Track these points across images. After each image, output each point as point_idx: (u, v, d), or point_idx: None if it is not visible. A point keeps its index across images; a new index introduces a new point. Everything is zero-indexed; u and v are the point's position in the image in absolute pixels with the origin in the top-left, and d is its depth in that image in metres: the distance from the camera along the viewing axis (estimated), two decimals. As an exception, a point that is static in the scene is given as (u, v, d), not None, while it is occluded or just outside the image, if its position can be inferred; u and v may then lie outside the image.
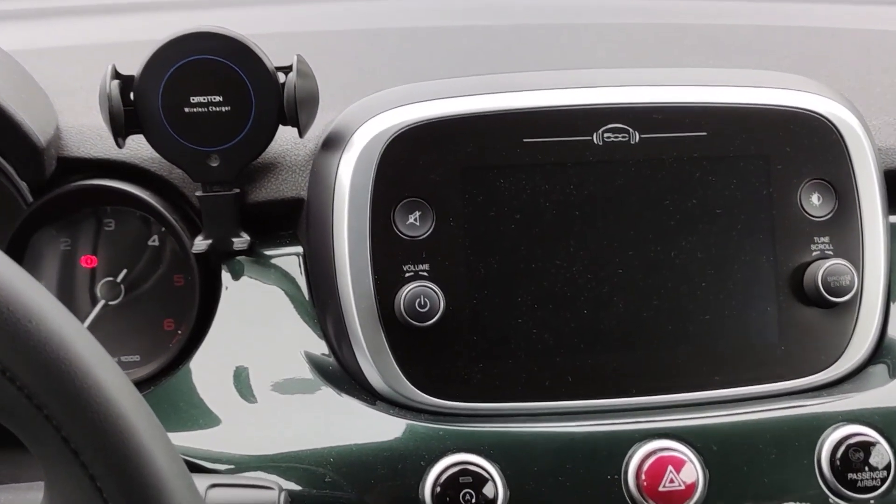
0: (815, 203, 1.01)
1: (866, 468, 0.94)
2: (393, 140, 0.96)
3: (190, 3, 1.50)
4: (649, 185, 0.98)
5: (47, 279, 1.09)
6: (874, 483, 0.94)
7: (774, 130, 1.01)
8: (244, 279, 1.03)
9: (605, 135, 0.98)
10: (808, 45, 1.32)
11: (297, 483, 0.91)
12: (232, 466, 0.91)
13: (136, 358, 1.09)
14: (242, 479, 0.85)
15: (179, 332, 1.08)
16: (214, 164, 1.00)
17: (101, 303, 1.09)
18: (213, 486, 0.81)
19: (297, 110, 0.98)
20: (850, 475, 0.94)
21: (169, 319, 1.10)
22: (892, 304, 1.04)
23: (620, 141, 0.98)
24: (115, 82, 0.96)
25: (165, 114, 0.98)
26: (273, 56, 0.99)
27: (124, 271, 1.10)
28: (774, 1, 1.51)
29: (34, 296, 0.55)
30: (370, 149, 0.96)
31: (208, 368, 0.99)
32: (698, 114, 1.00)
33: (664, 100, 1.00)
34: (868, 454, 0.94)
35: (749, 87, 1.02)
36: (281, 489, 0.83)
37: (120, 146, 0.99)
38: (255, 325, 1.01)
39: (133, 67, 0.98)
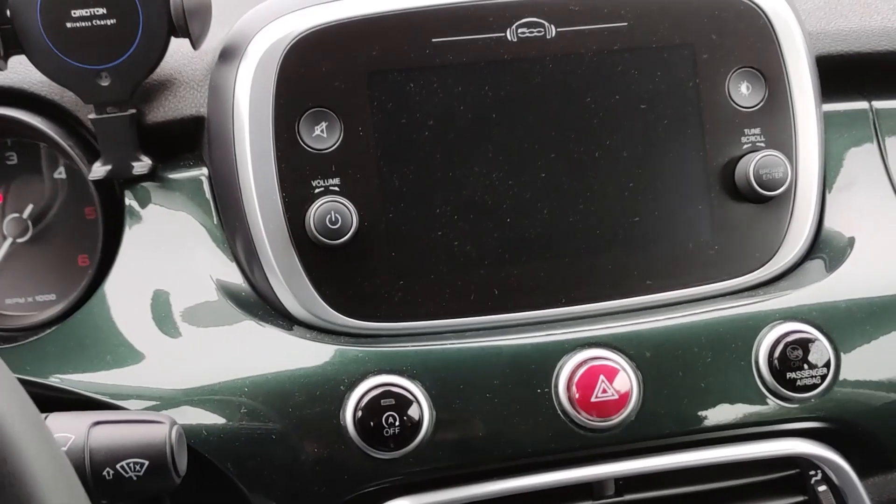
0: (744, 93, 0.97)
1: (805, 366, 0.92)
2: (292, 47, 0.91)
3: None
4: (569, 81, 0.94)
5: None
6: (814, 381, 0.92)
7: (699, 17, 0.96)
8: (149, 206, 0.99)
9: (520, 30, 0.93)
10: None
11: (211, 416, 0.87)
12: (145, 402, 0.88)
13: (52, 297, 1.05)
14: (131, 414, 0.81)
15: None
16: (105, 84, 0.94)
17: (9, 241, 1.04)
18: (97, 423, 0.76)
19: (187, 19, 0.92)
20: (788, 374, 0.92)
21: (83, 255, 1.05)
22: (827, 195, 1.01)
23: (536, 36, 0.93)
24: None
25: (46, 30, 0.92)
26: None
27: (30, 206, 1.05)
28: None
29: None
30: (268, 58, 0.91)
31: (115, 301, 0.95)
32: (617, 3, 0.95)
33: (580, -10, 0.95)
34: (807, 352, 0.92)
35: (670, -28, 0.97)
36: (173, 423, 0.78)
37: (1, 68, 0.93)
38: (163, 254, 0.97)
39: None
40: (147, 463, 0.76)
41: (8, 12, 0.92)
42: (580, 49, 0.94)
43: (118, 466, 0.75)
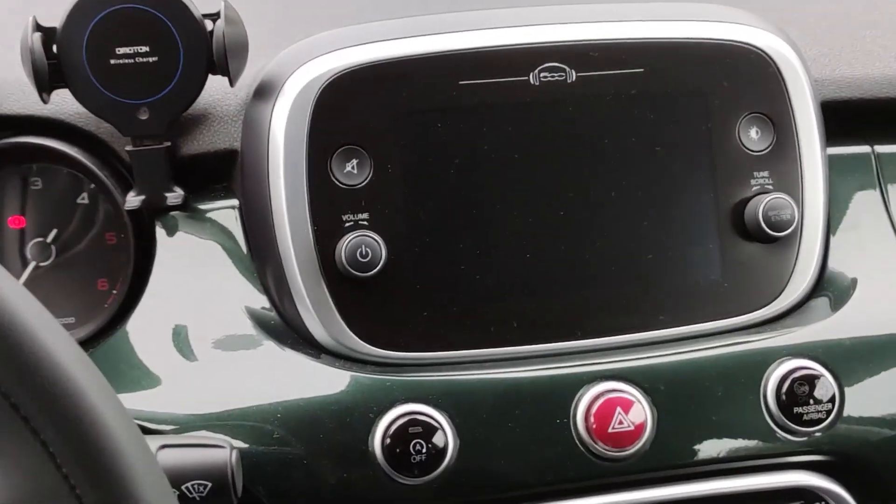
0: (753, 137, 1.01)
1: (811, 401, 0.94)
2: (326, 86, 0.94)
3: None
4: (588, 124, 0.97)
5: (-27, 241, 1.06)
6: (819, 416, 0.95)
7: (711, 65, 1.00)
8: (179, 235, 1.01)
9: (542, 74, 0.96)
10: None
11: (244, 441, 0.89)
12: (177, 427, 0.90)
13: (71, 320, 1.06)
14: (192, 438, 0.84)
15: (114, 291, 1.06)
16: (144, 117, 0.97)
17: (32, 264, 1.06)
18: (164, 446, 0.80)
19: (227, 59, 0.95)
20: (795, 409, 0.94)
21: (102, 279, 1.07)
22: (831, 236, 1.05)
23: (557, 80, 0.97)
24: (37, 35, 0.93)
25: (91, 66, 0.94)
26: (199, 2, 0.96)
27: (54, 231, 1.07)
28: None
29: None
30: (303, 96, 0.94)
31: (147, 328, 0.97)
32: (635, 50, 0.99)
33: (600, 36, 0.99)
34: (813, 387, 0.94)
35: (685, 20, 1.01)
36: (232, 447, 0.81)
37: (45, 101, 0.96)
38: (193, 282, 0.99)
39: (55, 19, 0.94)
40: (210, 485, 0.78)
41: (55, 48, 0.94)
42: (599, 93, 0.97)
43: (183, 488, 0.78)
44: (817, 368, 0.95)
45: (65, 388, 0.53)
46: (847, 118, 1.11)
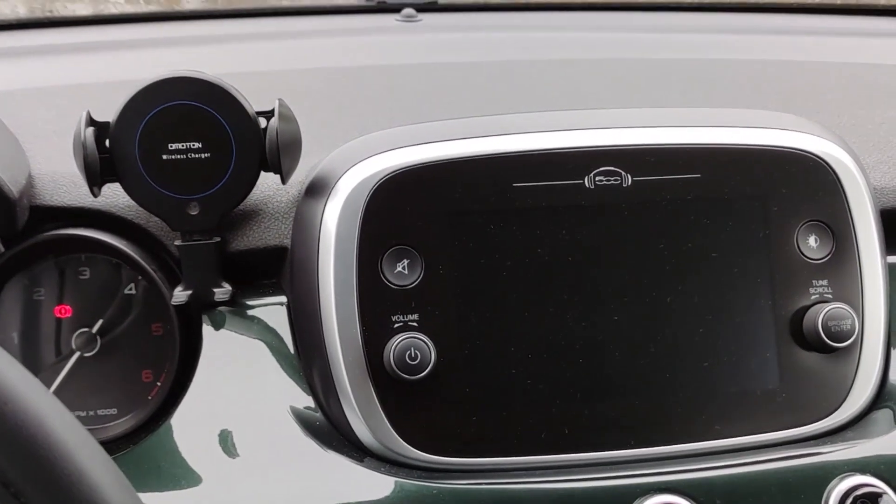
0: (812, 245, 0.99)
1: None
2: (379, 186, 0.94)
3: (162, 41, 1.47)
4: (643, 228, 0.96)
5: (20, 330, 1.06)
6: None
7: (770, 171, 0.99)
8: (226, 331, 1.00)
9: (597, 178, 0.95)
10: (797, 81, 1.31)
11: None
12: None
13: (114, 411, 1.05)
14: None
15: (158, 383, 1.05)
16: (194, 213, 0.97)
17: (77, 355, 1.05)
18: None
19: (280, 157, 0.95)
20: None
21: (147, 370, 1.07)
22: (892, 348, 1.02)
23: (613, 184, 0.96)
24: (90, 130, 0.93)
25: (143, 161, 0.94)
26: (250, 96, 0.96)
27: (100, 321, 1.06)
28: (760, 35, 1.49)
29: None
30: (356, 195, 0.93)
31: (190, 425, 0.95)
32: (692, 155, 0.97)
33: (657, 141, 0.98)
34: None
35: (743, 127, 1.00)
36: None
37: (95, 195, 0.96)
38: (239, 379, 0.97)
39: (107, 110, 0.95)
40: None
41: (107, 142, 0.94)
42: (655, 198, 0.96)
43: None
44: (880, 486, 0.92)
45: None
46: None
